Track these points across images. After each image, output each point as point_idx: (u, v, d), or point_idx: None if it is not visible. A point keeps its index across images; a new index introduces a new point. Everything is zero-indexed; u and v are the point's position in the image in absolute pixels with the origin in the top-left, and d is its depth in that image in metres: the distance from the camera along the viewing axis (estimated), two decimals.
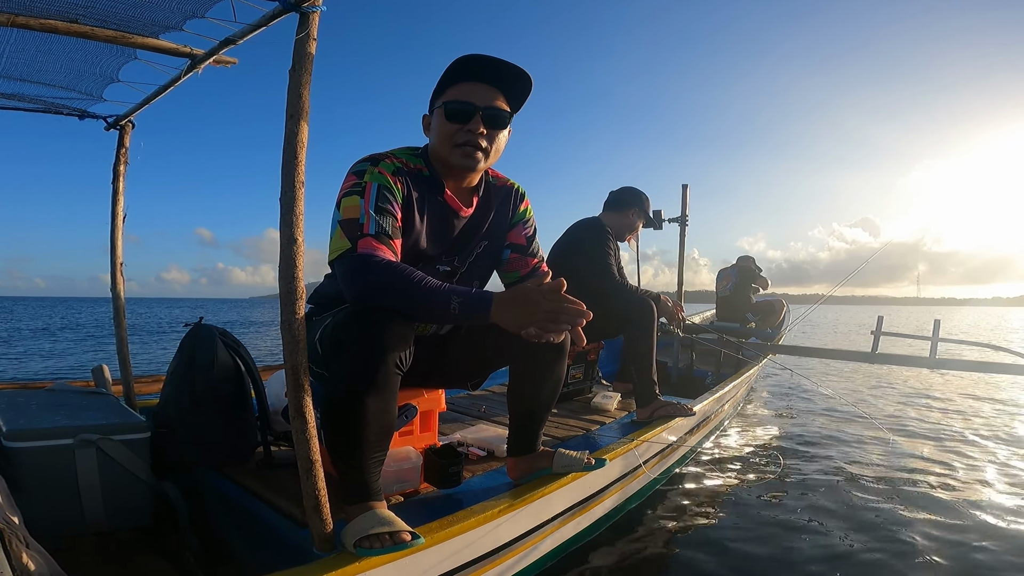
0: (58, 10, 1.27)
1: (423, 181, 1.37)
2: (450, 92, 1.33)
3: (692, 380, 4.03)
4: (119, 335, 2.07)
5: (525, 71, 1.33)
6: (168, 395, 1.73)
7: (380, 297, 1.16)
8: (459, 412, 2.57)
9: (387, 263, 1.17)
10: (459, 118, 1.32)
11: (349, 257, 1.19)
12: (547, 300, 1.09)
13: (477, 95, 1.32)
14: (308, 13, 1.04)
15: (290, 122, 1.03)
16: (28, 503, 1.31)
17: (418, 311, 1.17)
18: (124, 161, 1.99)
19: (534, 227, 1.58)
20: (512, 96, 1.37)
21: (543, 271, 1.58)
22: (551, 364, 1.48)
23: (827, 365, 7.86)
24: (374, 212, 1.22)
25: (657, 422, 2.22)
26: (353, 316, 1.17)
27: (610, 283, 2.68)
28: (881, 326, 3.73)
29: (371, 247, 1.19)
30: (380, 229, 1.22)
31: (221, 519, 1.60)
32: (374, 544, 1.09)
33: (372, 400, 1.15)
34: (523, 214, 1.55)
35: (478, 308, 1.13)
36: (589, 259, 2.70)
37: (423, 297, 1.14)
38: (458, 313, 1.13)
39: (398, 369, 1.18)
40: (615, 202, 2.93)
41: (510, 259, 1.55)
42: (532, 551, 1.58)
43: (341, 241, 1.21)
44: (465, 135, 1.32)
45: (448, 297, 1.13)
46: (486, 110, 1.32)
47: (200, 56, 1.49)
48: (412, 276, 1.15)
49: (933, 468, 2.98)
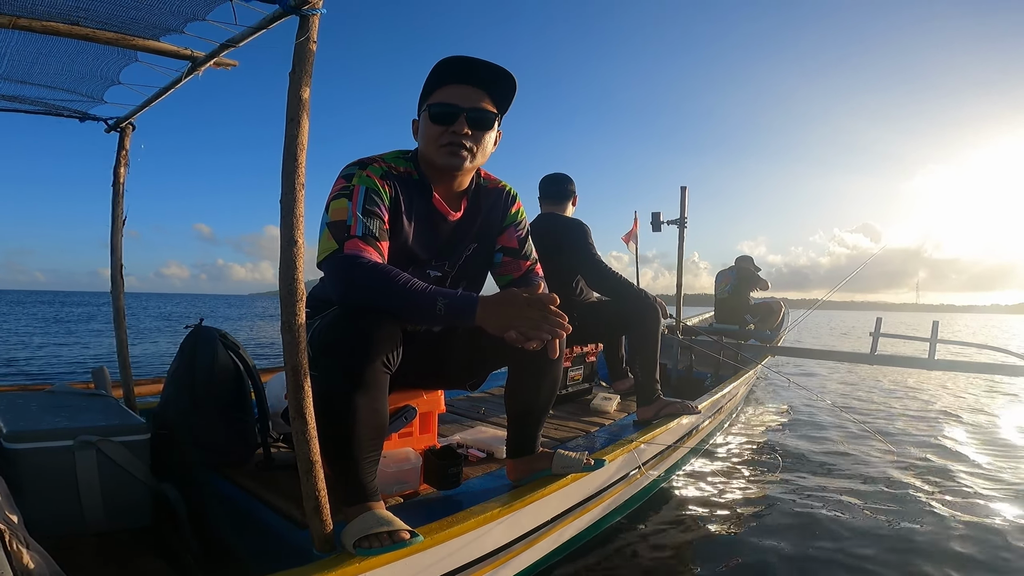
0: (59, 12, 1.28)
1: (412, 185, 1.38)
2: (436, 95, 1.35)
3: (691, 381, 4.03)
4: (119, 337, 2.07)
5: (508, 71, 1.34)
6: (168, 397, 1.74)
7: (366, 297, 1.18)
8: (458, 414, 2.57)
9: (373, 264, 1.19)
10: (444, 120, 1.33)
11: (336, 258, 1.20)
12: (531, 308, 1.12)
13: (462, 97, 1.33)
14: (308, 16, 1.05)
15: (290, 125, 1.04)
16: (28, 504, 1.31)
17: (404, 312, 1.18)
18: (125, 163, 1.99)
19: (527, 229, 1.58)
20: (498, 97, 1.38)
21: (537, 274, 1.57)
22: (548, 366, 1.48)
23: (825, 364, 7.86)
24: (361, 215, 1.24)
25: (656, 423, 2.21)
26: (341, 317, 1.19)
27: (614, 282, 2.60)
28: (880, 328, 3.74)
29: (358, 248, 1.20)
30: (367, 231, 1.23)
31: (221, 520, 1.60)
32: (373, 544, 1.10)
33: (361, 399, 1.17)
34: (515, 216, 1.54)
35: (463, 310, 1.14)
36: (584, 262, 2.63)
37: (408, 298, 1.15)
38: (444, 314, 1.14)
39: (386, 368, 1.20)
40: (561, 193, 2.78)
41: (503, 262, 1.54)
42: (532, 552, 1.58)
43: (329, 242, 1.22)
44: (450, 136, 1.33)
45: (434, 299, 1.15)
46: (471, 111, 1.33)
47: (201, 58, 1.49)
48: (398, 278, 1.16)
49: (933, 468, 2.98)
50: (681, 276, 4.56)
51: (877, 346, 3.75)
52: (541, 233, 2.58)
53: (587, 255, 2.63)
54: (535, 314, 1.11)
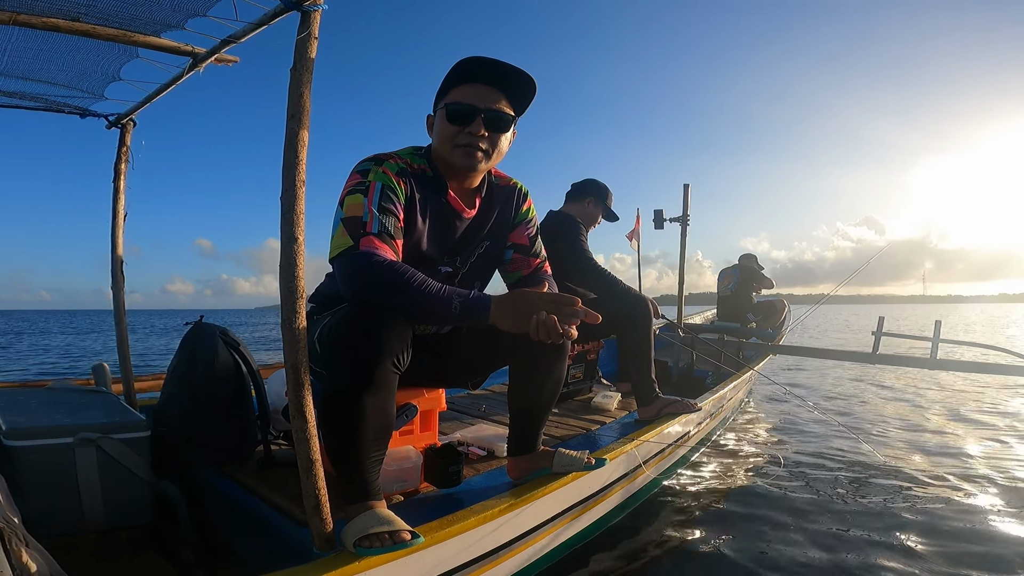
0: (60, 8, 1.27)
1: (426, 182, 1.37)
2: (453, 93, 1.33)
3: (692, 380, 4.02)
4: (119, 333, 2.07)
5: (529, 74, 1.32)
6: (168, 394, 1.74)
7: (381, 296, 1.16)
8: (459, 411, 2.57)
9: (389, 263, 1.17)
10: (460, 120, 1.31)
11: (351, 255, 1.19)
12: (547, 304, 1.13)
13: (479, 97, 1.31)
14: (309, 12, 1.04)
15: (291, 121, 1.03)
16: (28, 502, 1.31)
17: (419, 311, 1.17)
18: (125, 159, 1.99)
19: (537, 227, 1.58)
20: (516, 99, 1.37)
21: (546, 271, 1.57)
22: (551, 364, 1.48)
23: (823, 363, 7.84)
24: (377, 211, 1.22)
25: (657, 421, 2.20)
26: (352, 314, 1.17)
27: (602, 279, 2.58)
28: (882, 327, 3.73)
29: (373, 246, 1.19)
30: (383, 228, 1.21)
31: (221, 518, 1.60)
32: (374, 543, 1.09)
33: (370, 399, 1.15)
34: (526, 214, 1.55)
35: (478, 310, 1.15)
36: (569, 256, 2.61)
37: (424, 298, 1.14)
38: (458, 314, 1.15)
39: (396, 368, 1.18)
40: (575, 192, 2.85)
41: (513, 259, 1.55)
42: (532, 551, 1.57)
43: (343, 238, 1.20)
44: (466, 137, 1.32)
45: (449, 299, 1.15)
46: (487, 112, 1.32)
47: (202, 55, 1.49)
48: (414, 277, 1.15)
49: (932, 469, 2.97)
50: (683, 274, 4.56)
51: (879, 345, 3.74)
52: (541, 228, 2.61)
53: (573, 248, 2.62)
54: (549, 309, 1.13)
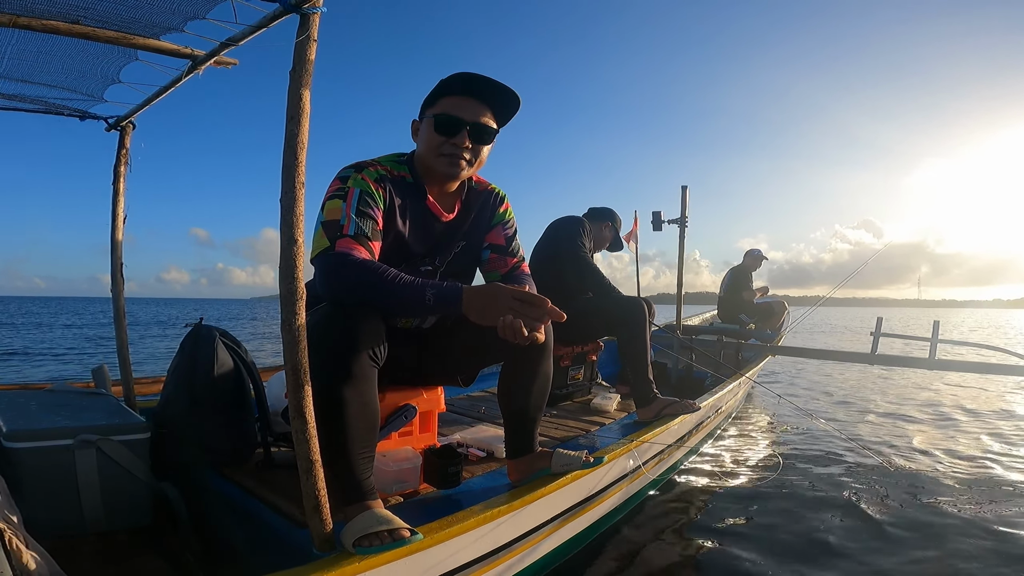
0: (60, 11, 1.28)
1: (406, 188, 1.43)
2: (441, 104, 1.39)
3: (691, 381, 4.03)
4: (119, 336, 2.07)
5: (514, 91, 1.40)
6: (168, 396, 1.74)
7: (355, 292, 1.22)
8: (458, 413, 2.57)
9: (362, 261, 1.23)
10: (447, 131, 1.37)
11: (328, 255, 1.24)
12: (512, 300, 1.16)
13: (466, 110, 1.37)
14: (308, 14, 1.04)
15: (290, 123, 1.04)
16: (28, 503, 1.31)
17: (394, 305, 1.23)
18: (125, 162, 1.99)
19: (514, 228, 1.63)
20: (500, 113, 1.43)
21: (523, 271, 1.61)
22: (537, 362, 1.50)
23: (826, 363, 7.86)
24: (355, 215, 1.28)
25: (657, 422, 2.21)
26: (327, 313, 1.23)
27: (596, 281, 2.66)
28: (880, 327, 3.73)
29: (349, 246, 1.25)
30: (359, 230, 1.27)
31: (221, 519, 1.60)
32: (373, 543, 1.09)
33: (350, 392, 1.19)
34: (502, 215, 1.60)
35: (450, 299, 1.20)
36: (569, 259, 2.69)
37: (398, 291, 1.20)
38: (433, 304, 1.20)
39: (373, 361, 1.24)
40: (596, 214, 3.00)
41: (490, 259, 1.59)
42: (532, 551, 1.58)
43: (321, 240, 1.26)
44: (451, 148, 1.38)
45: (423, 290, 1.20)
46: (473, 125, 1.38)
47: (201, 57, 1.49)
48: (386, 273, 1.21)
49: (932, 469, 2.98)
50: (682, 276, 4.56)
51: (878, 346, 3.74)
52: (549, 226, 2.85)
53: (570, 246, 2.70)
54: (515, 306, 1.15)
